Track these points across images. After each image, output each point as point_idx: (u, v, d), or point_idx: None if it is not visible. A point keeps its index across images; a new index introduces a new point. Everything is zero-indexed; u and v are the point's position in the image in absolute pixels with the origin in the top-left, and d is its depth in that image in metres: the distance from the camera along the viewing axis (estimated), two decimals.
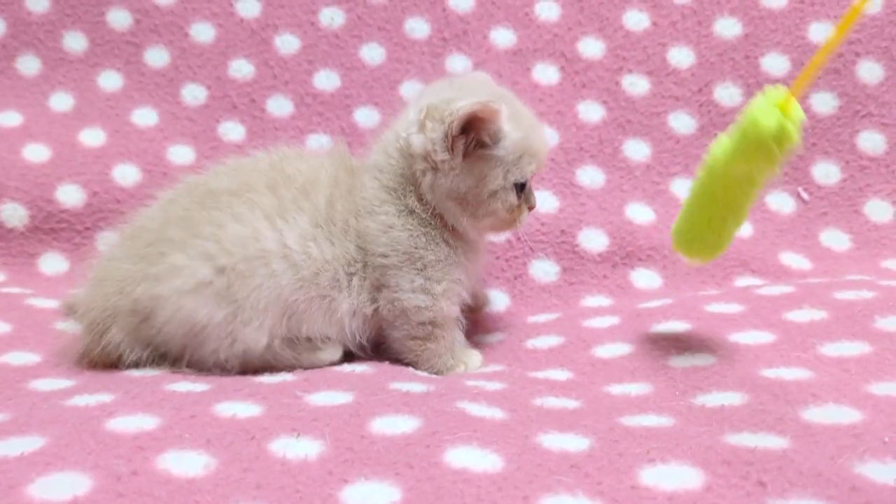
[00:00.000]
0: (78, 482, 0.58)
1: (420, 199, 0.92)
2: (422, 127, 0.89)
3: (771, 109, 0.68)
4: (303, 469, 0.62)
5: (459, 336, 0.97)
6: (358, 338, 0.94)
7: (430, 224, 0.92)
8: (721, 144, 0.74)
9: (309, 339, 0.92)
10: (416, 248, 0.91)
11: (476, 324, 1.13)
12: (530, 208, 0.95)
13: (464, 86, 0.94)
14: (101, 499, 0.57)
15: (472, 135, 0.87)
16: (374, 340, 0.96)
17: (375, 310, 0.93)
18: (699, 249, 0.81)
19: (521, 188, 0.91)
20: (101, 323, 0.90)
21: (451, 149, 0.87)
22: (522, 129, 0.90)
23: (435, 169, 0.89)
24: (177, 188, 0.97)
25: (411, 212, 0.92)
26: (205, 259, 0.87)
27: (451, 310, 0.94)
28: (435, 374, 0.92)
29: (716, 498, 0.56)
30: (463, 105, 0.85)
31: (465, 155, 0.88)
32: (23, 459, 0.62)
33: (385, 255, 0.91)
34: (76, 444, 0.64)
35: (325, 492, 0.59)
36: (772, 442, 0.63)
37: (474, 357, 0.96)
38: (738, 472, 0.59)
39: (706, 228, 0.79)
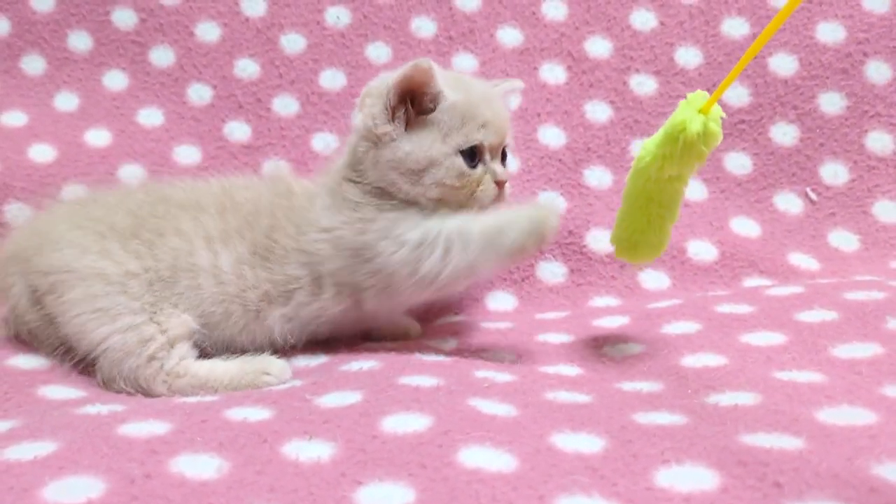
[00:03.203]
0: (91, 485, 0.58)
1: (354, 182, 0.92)
2: (361, 106, 0.92)
3: (695, 114, 0.73)
4: (316, 471, 0.62)
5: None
6: (290, 339, 0.94)
7: (363, 208, 0.91)
8: (649, 151, 0.78)
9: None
10: (356, 237, 0.90)
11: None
12: (499, 183, 0.92)
13: None
14: (116, 501, 0.56)
15: (413, 104, 0.89)
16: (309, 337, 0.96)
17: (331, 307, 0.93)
18: (644, 251, 0.85)
19: (471, 155, 0.90)
20: (5, 268, 0.94)
21: (391, 119, 0.89)
22: (465, 94, 0.90)
23: (376, 143, 0.90)
24: (141, 186, 1.02)
25: (346, 200, 0.92)
26: (135, 256, 0.89)
27: (425, 219, 0.89)
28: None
29: (732, 499, 0.56)
30: (396, 73, 0.87)
31: (407, 124, 0.89)
32: (35, 463, 0.62)
33: (333, 261, 0.90)
34: (89, 448, 0.64)
35: (338, 494, 0.59)
36: (787, 442, 0.62)
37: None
38: (755, 473, 0.58)
39: (648, 230, 0.83)
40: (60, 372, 0.90)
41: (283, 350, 0.93)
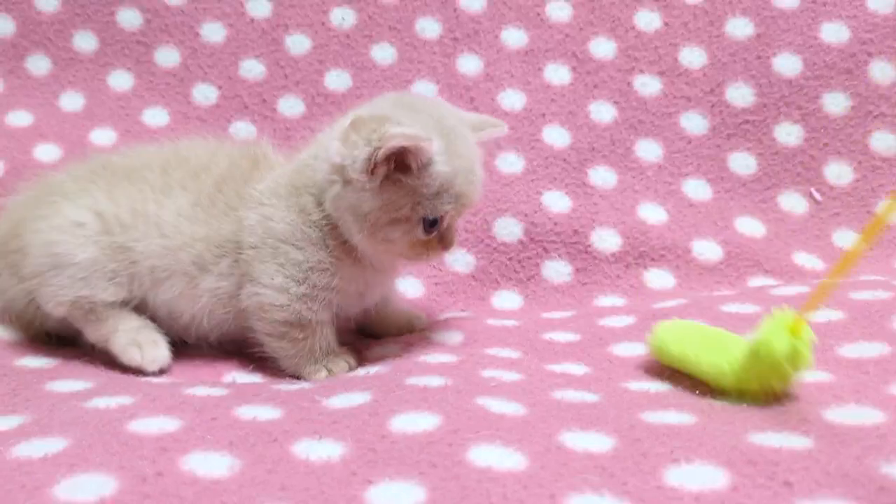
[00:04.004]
0: (103, 483, 0.58)
1: (318, 202, 0.89)
2: (345, 138, 0.84)
3: (782, 332, 0.69)
4: (326, 470, 0.62)
5: (330, 341, 0.93)
6: (207, 322, 0.94)
7: (318, 228, 0.89)
8: (729, 363, 0.74)
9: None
10: (284, 241, 0.89)
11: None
12: (445, 247, 0.90)
13: (409, 106, 0.89)
14: (128, 500, 0.57)
15: (397, 164, 0.82)
16: (233, 335, 0.96)
17: (237, 298, 0.93)
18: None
19: (431, 224, 0.86)
20: None
21: (370, 172, 0.82)
22: (452, 166, 0.85)
23: (345, 183, 0.85)
24: (87, 160, 1.04)
25: (302, 211, 0.89)
26: (89, 206, 0.93)
27: (311, 314, 0.90)
28: (295, 376, 0.92)
29: (743, 498, 0.56)
30: (395, 135, 0.80)
31: (384, 179, 0.83)
32: (47, 461, 0.62)
33: (255, 247, 0.90)
34: (99, 446, 0.64)
35: (349, 493, 0.59)
36: (796, 442, 0.63)
37: (341, 363, 0.93)
38: (764, 472, 0.59)
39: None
40: (67, 368, 0.90)
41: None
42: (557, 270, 1.16)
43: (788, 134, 1.24)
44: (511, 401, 0.75)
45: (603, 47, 1.29)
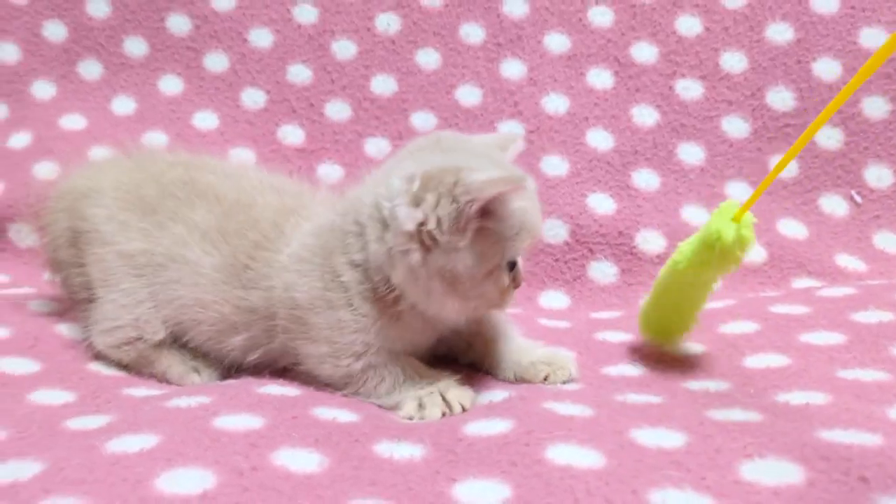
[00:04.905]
0: (203, 477, 0.60)
1: (353, 265, 0.81)
2: (417, 200, 0.74)
3: (728, 223, 0.78)
4: (411, 468, 0.65)
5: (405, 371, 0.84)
6: (247, 359, 0.90)
7: (343, 289, 0.81)
8: (686, 257, 0.82)
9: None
10: (305, 308, 0.82)
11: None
12: (517, 285, 0.83)
13: (450, 148, 0.81)
14: (229, 493, 0.59)
15: (482, 212, 0.74)
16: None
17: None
18: (674, 337, 0.92)
19: (512, 266, 0.80)
20: (54, 205, 0.99)
21: (462, 229, 0.74)
22: (524, 200, 0.78)
23: (428, 248, 0.75)
24: (176, 153, 1.02)
25: (331, 274, 0.81)
26: (143, 235, 0.91)
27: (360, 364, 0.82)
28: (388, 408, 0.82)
29: (821, 493, 0.58)
30: (486, 182, 0.72)
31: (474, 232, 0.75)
32: (143, 455, 0.64)
33: (283, 318, 0.84)
34: (191, 441, 0.66)
35: (436, 489, 0.61)
36: (865, 438, 0.64)
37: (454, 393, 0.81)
38: (839, 468, 0.60)
39: (680, 322, 0.89)
40: (140, 378, 0.92)
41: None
42: (603, 271, 1.19)
43: (829, 137, 1.26)
44: (576, 403, 0.77)
45: (645, 52, 1.31)
